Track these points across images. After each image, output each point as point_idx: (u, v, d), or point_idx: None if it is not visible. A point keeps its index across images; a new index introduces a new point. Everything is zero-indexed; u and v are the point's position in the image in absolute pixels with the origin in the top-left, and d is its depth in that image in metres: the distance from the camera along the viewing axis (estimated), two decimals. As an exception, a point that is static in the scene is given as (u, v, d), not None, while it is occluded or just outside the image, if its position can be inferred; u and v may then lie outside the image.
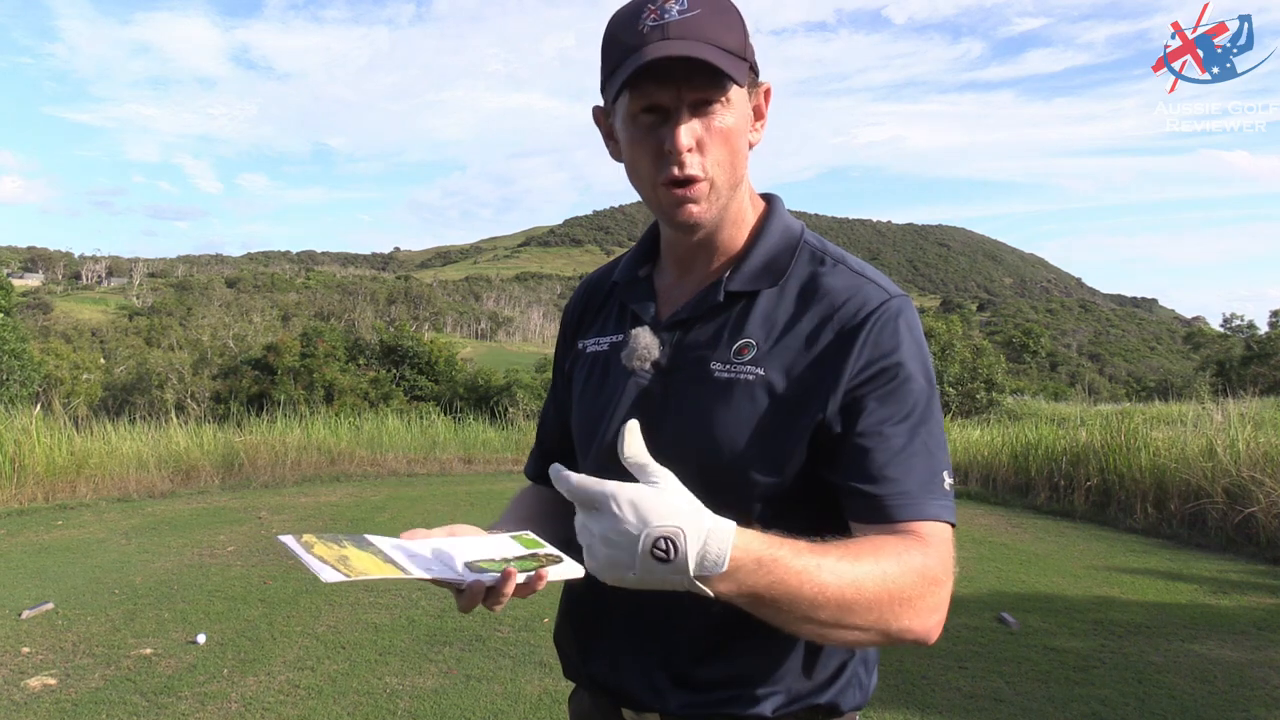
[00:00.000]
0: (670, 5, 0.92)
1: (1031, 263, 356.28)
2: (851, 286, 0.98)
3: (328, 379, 21.39)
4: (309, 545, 0.88)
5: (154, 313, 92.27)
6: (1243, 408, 10.46)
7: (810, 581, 0.80)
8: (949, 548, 0.94)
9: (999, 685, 3.66)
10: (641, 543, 0.75)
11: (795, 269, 1.01)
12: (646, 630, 1.02)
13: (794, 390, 0.95)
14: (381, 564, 0.87)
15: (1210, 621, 4.63)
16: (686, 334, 1.02)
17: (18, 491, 8.15)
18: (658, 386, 1.02)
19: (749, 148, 0.99)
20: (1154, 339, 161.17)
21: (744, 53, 0.94)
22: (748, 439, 0.95)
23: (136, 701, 3.45)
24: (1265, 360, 34.14)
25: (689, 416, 0.98)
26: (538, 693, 3.55)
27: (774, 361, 0.96)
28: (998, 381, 24.28)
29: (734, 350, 0.98)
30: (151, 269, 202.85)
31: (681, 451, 0.97)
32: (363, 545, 0.92)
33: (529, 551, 0.97)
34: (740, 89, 0.94)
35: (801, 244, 1.03)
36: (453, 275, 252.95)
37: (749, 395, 0.96)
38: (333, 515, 7.77)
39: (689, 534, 0.75)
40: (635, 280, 1.11)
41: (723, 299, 1.00)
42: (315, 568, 0.84)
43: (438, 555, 0.94)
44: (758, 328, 0.98)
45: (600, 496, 0.76)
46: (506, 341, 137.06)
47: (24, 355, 17.86)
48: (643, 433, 0.99)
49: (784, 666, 0.99)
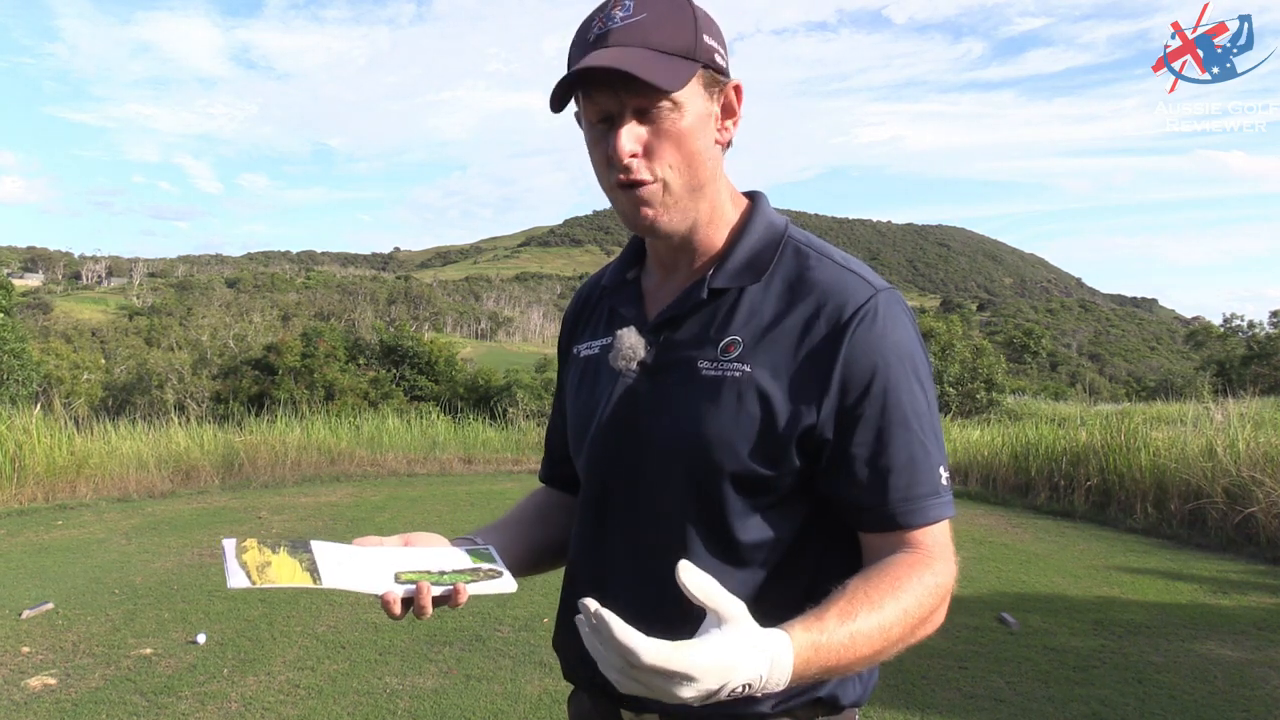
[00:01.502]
0: (615, 11, 0.93)
1: (1031, 263, 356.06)
2: (836, 280, 0.97)
3: (328, 379, 21.37)
4: (242, 550, 0.93)
5: (154, 313, 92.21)
6: (1243, 408, 10.47)
7: (850, 650, 0.85)
8: (950, 544, 0.96)
9: (999, 685, 3.66)
10: (720, 695, 0.78)
11: (780, 264, 1.00)
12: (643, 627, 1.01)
13: (782, 388, 0.95)
14: (299, 571, 0.92)
15: (1210, 621, 4.63)
16: (673, 333, 1.02)
17: (18, 491, 8.15)
18: (645, 386, 1.02)
19: (719, 146, 0.98)
20: (1154, 339, 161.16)
21: (692, 52, 0.93)
22: (737, 437, 0.95)
23: (136, 701, 3.45)
24: (1265, 360, 34.11)
25: (677, 415, 0.98)
26: (538, 693, 3.55)
27: (760, 358, 0.96)
28: (998, 381, 24.24)
29: (720, 348, 0.98)
30: (151, 269, 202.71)
31: (670, 450, 0.98)
32: (296, 552, 0.96)
33: (472, 565, 1.01)
34: (697, 89, 0.93)
35: (785, 239, 1.02)
36: (453, 275, 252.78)
37: (736, 393, 0.95)
38: (333, 515, 7.77)
39: (764, 676, 0.79)
40: (623, 283, 1.12)
41: (706, 296, 1.00)
42: (230, 572, 0.89)
43: (371, 566, 0.98)
44: (743, 324, 0.98)
45: (684, 675, 0.76)
46: (506, 341, 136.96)
47: (24, 355, 17.84)
48: (632, 433, 1.02)
49: None
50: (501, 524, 1.21)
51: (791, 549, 0.99)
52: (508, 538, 1.15)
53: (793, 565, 0.99)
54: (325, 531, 7.09)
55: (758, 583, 0.98)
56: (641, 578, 1.02)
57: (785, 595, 0.98)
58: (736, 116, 0.99)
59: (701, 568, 0.97)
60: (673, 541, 0.99)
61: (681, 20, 0.93)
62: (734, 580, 0.97)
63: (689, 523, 0.98)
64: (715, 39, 0.96)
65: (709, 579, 0.81)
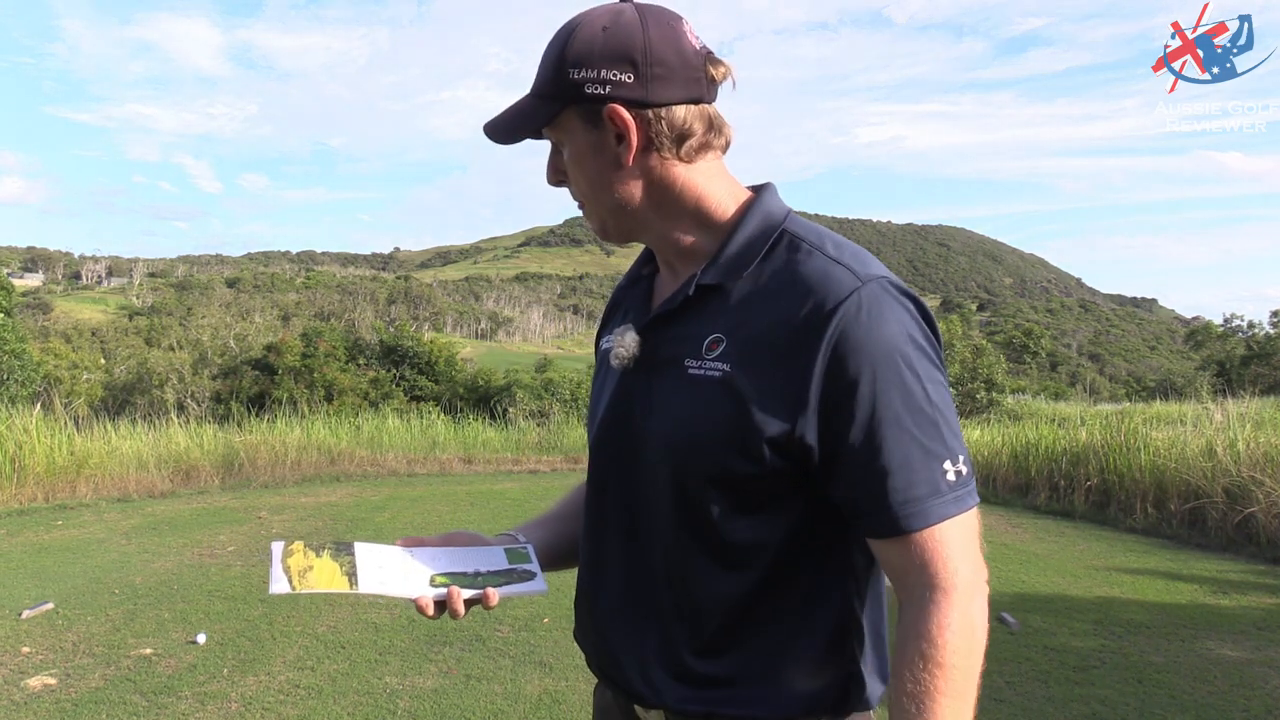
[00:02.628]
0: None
1: (1031, 263, 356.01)
2: (821, 274, 0.93)
3: (328, 379, 21.38)
4: (289, 553, 0.98)
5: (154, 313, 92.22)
6: (1243, 408, 10.48)
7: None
8: (967, 540, 0.92)
9: (999, 685, 3.66)
10: None
11: (770, 258, 0.97)
12: (647, 624, 1.02)
13: (760, 389, 0.92)
14: (337, 576, 0.96)
15: (1210, 621, 4.63)
16: (665, 331, 1.01)
17: (18, 491, 8.15)
18: (638, 384, 1.02)
19: (634, 168, 0.98)
20: (1154, 339, 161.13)
21: (554, 91, 0.98)
22: (715, 438, 0.93)
23: (136, 701, 3.45)
24: (1265, 360, 34.11)
25: (663, 415, 0.98)
26: (538, 693, 3.55)
27: (741, 357, 0.93)
28: (998, 381, 24.23)
29: (705, 346, 0.96)
30: (151, 269, 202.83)
31: (657, 450, 0.98)
32: (339, 555, 1.00)
33: (507, 566, 1.05)
34: (575, 122, 0.98)
35: (780, 231, 0.99)
36: (453, 275, 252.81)
37: (717, 393, 0.93)
38: (333, 515, 7.77)
39: None
40: (638, 279, 1.13)
41: (694, 293, 0.98)
42: (273, 577, 0.94)
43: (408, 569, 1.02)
44: (728, 322, 0.96)
45: None
46: (506, 341, 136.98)
47: (24, 355, 17.85)
48: (627, 431, 1.03)
49: (787, 666, 0.98)
50: (546, 518, 1.25)
51: (785, 553, 0.96)
52: (550, 532, 1.21)
53: (788, 569, 0.97)
54: (326, 532, 7.09)
55: (751, 586, 0.96)
56: (641, 575, 1.02)
57: (782, 601, 0.97)
58: (629, 139, 0.96)
59: (692, 568, 0.98)
60: (663, 540, 0.99)
61: (549, 59, 0.98)
62: (726, 583, 0.97)
63: (676, 523, 0.98)
64: (595, 65, 0.95)
65: None
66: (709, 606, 0.98)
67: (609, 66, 0.95)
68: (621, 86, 0.95)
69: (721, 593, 0.97)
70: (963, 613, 0.89)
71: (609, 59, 0.95)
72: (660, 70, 0.95)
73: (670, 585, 1.00)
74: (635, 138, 0.96)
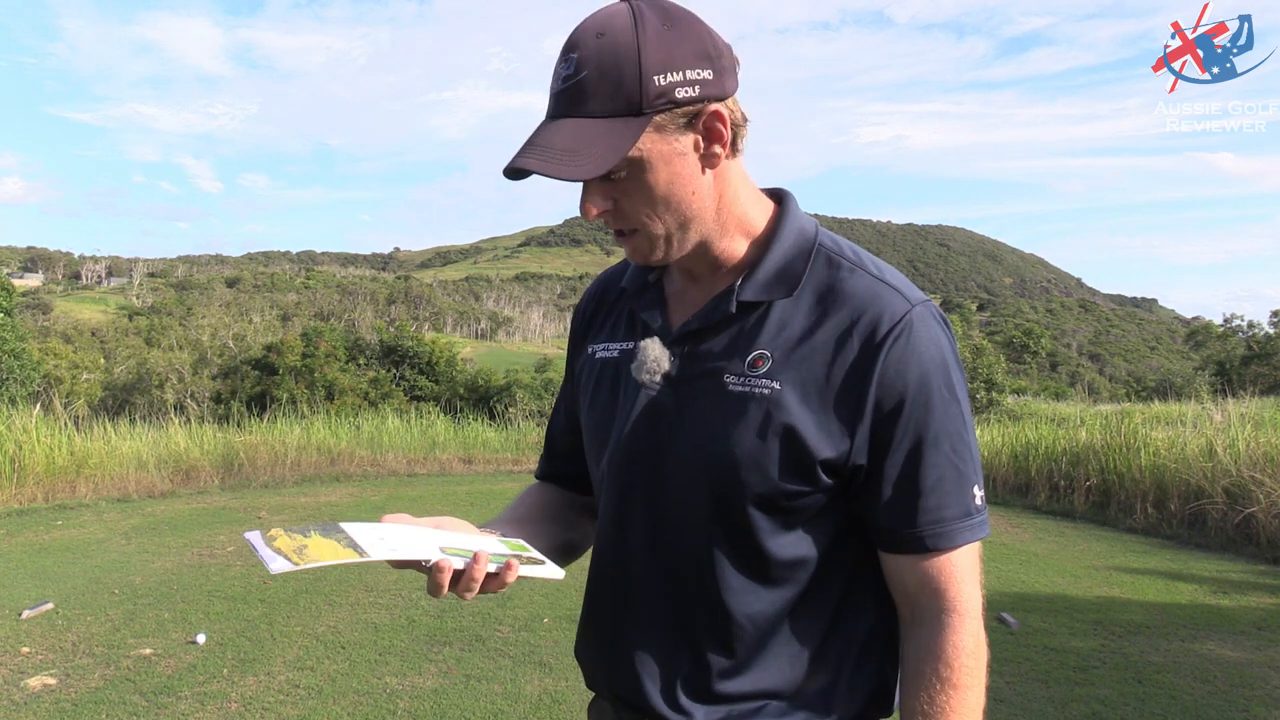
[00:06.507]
0: (560, 68, 0.87)
1: (1031, 263, 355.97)
2: (870, 294, 0.93)
3: (328, 379, 21.37)
4: (271, 539, 0.87)
5: (154, 313, 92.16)
6: (1243, 408, 10.48)
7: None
8: (976, 565, 0.95)
9: (999, 685, 3.65)
10: None
11: (811, 275, 0.95)
12: (671, 642, 0.99)
13: (812, 408, 0.91)
14: (340, 549, 0.86)
15: (1210, 621, 4.63)
16: (698, 345, 0.97)
17: (18, 491, 8.14)
18: (669, 399, 0.98)
19: (709, 173, 0.91)
20: (1154, 339, 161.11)
21: (636, 106, 0.85)
22: (763, 456, 0.91)
23: (136, 701, 3.45)
24: (1265, 360, 34.09)
25: (702, 430, 0.95)
26: (537, 693, 3.55)
27: (790, 375, 0.92)
28: (998, 381, 24.21)
29: (748, 362, 0.94)
30: (151, 269, 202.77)
31: (695, 467, 0.95)
32: (329, 533, 0.91)
33: (512, 552, 0.95)
34: (655, 136, 0.86)
35: (817, 247, 0.97)
36: (453, 275, 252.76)
37: (763, 410, 0.92)
38: (332, 515, 7.77)
39: None
40: (645, 286, 1.07)
41: (735, 309, 0.95)
42: (267, 558, 0.83)
43: (412, 539, 0.93)
44: (772, 338, 0.94)
45: None
46: (506, 341, 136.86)
47: (24, 355, 17.84)
48: (655, 447, 0.98)
49: (811, 681, 0.97)
50: (514, 520, 1.13)
51: (822, 565, 0.96)
52: (526, 534, 1.08)
53: (823, 581, 0.97)
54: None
55: (786, 602, 0.96)
56: (669, 594, 0.99)
57: (815, 615, 0.97)
58: (724, 139, 0.90)
59: (730, 586, 0.95)
60: (700, 560, 0.96)
61: (621, 72, 0.85)
62: (764, 600, 0.96)
63: (715, 541, 0.96)
64: (680, 67, 0.86)
65: None
66: (744, 624, 0.96)
67: (693, 65, 0.87)
68: (708, 85, 0.88)
69: (757, 610, 0.96)
70: (974, 635, 0.92)
71: (691, 57, 0.87)
72: (725, 61, 0.90)
73: (704, 604, 0.97)
74: (729, 137, 0.91)
